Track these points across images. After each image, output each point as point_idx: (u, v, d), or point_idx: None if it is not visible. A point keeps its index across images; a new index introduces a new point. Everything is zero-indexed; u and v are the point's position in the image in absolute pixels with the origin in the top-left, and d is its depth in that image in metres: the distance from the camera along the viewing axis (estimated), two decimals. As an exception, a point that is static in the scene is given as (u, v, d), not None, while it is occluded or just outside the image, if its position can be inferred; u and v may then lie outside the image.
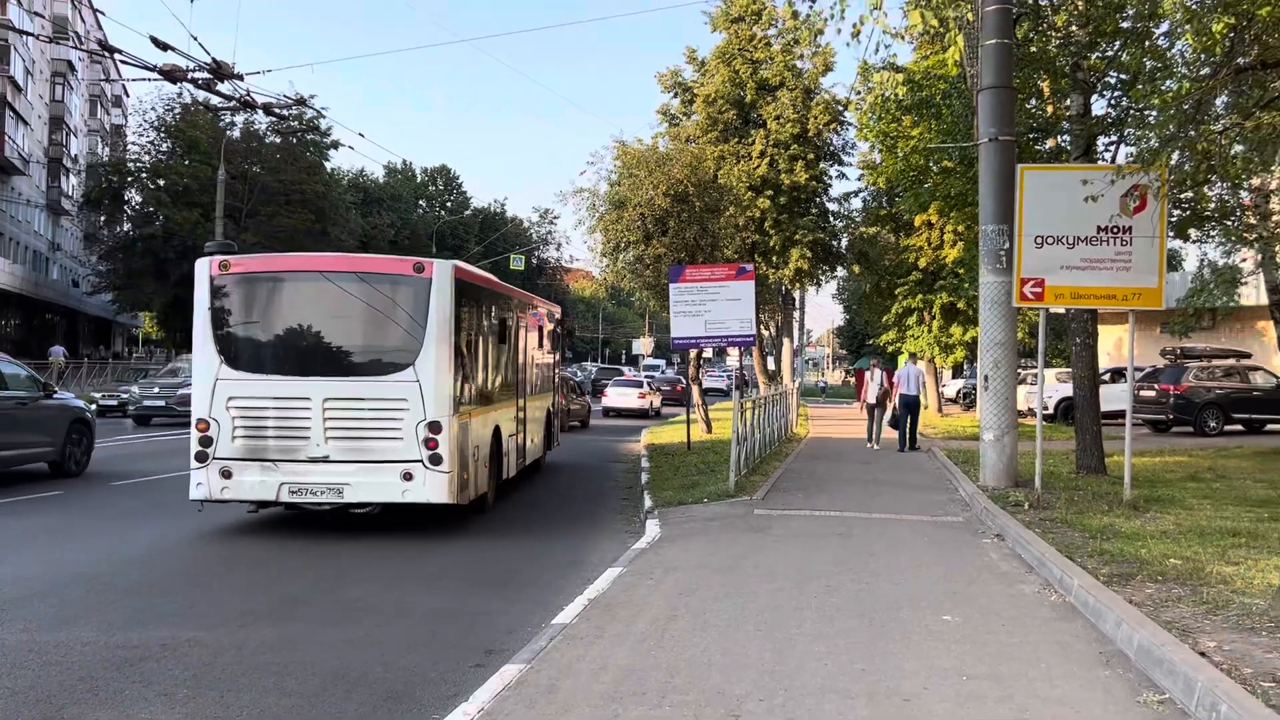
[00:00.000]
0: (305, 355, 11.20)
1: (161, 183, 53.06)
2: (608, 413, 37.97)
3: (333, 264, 12.04)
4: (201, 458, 10.84)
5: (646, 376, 47.69)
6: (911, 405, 21.47)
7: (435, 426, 10.76)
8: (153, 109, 55.04)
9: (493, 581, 8.82)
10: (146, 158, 55.19)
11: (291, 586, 8.39)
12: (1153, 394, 26.78)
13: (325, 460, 10.76)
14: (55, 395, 15.78)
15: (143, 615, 7.32)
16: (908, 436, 21.30)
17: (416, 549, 10.28)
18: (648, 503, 13.01)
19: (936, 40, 16.38)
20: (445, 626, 7.25)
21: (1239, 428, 26.39)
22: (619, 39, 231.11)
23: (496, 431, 13.43)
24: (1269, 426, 26.32)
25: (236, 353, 11.12)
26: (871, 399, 22.51)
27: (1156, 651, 5.80)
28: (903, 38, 14.89)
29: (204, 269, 11.30)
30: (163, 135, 54.43)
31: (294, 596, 8.03)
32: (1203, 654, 5.70)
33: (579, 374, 53.62)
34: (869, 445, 22.13)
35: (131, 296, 54.13)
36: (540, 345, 17.76)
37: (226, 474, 10.81)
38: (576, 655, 6.12)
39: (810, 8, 11.11)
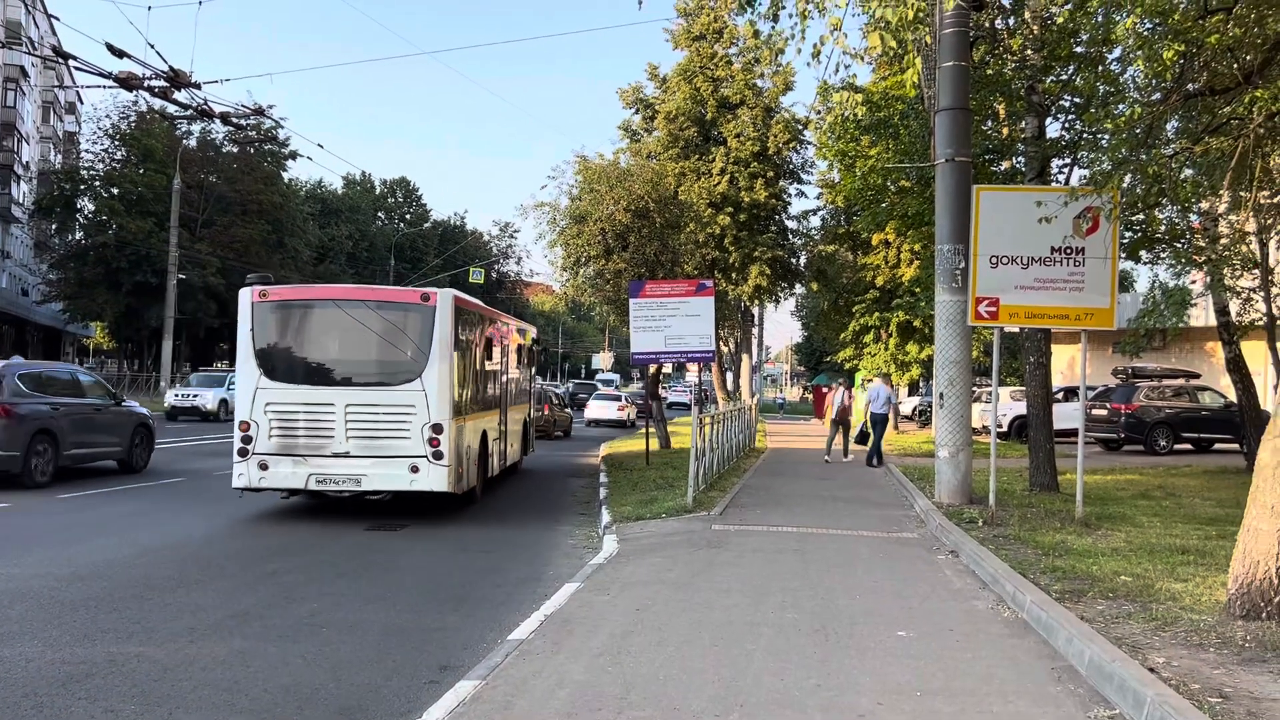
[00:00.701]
0: (331, 368, 13.30)
1: (115, 191, 52.40)
2: (590, 423, 41.64)
3: (354, 294, 13.98)
4: (243, 453, 12.82)
5: (601, 388, 49.76)
6: (880, 422, 21.77)
7: (438, 428, 12.78)
8: (107, 116, 54.49)
9: (449, 597, 8.74)
10: (100, 166, 54.49)
11: (243, 601, 8.26)
12: (1105, 413, 27.19)
13: (346, 455, 12.76)
14: (124, 403, 18.19)
15: (89, 630, 7.17)
16: (871, 451, 21.61)
17: (373, 563, 10.18)
18: (605, 518, 12.97)
19: (895, 62, 16.57)
20: (400, 642, 7.17)
21: (1188, 447, 26.85)
22: (581, 55, 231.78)
23: (484, 435, 15.38)
24: (1217, 446, 26.79)
25: (273, 366, 13.05)
26: (835, 414, 22.95)
27: (1107, 667, 5.87)
28: (862, 59, 15.03)
29: (246, 297, 13.21)
30: (117, 143, 53.78)
31: (245, 611, 7.91)
32: (1152, 670, 5.78)
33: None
34: (826, 459, 22.39)
35: (83, 306, 53.31)
36: (520, 362, 19.62)
37: (264, 466, 12.81)
38: (532, 671, 6.08)
39: (771, 28, 11.20)
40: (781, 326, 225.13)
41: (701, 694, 5.70)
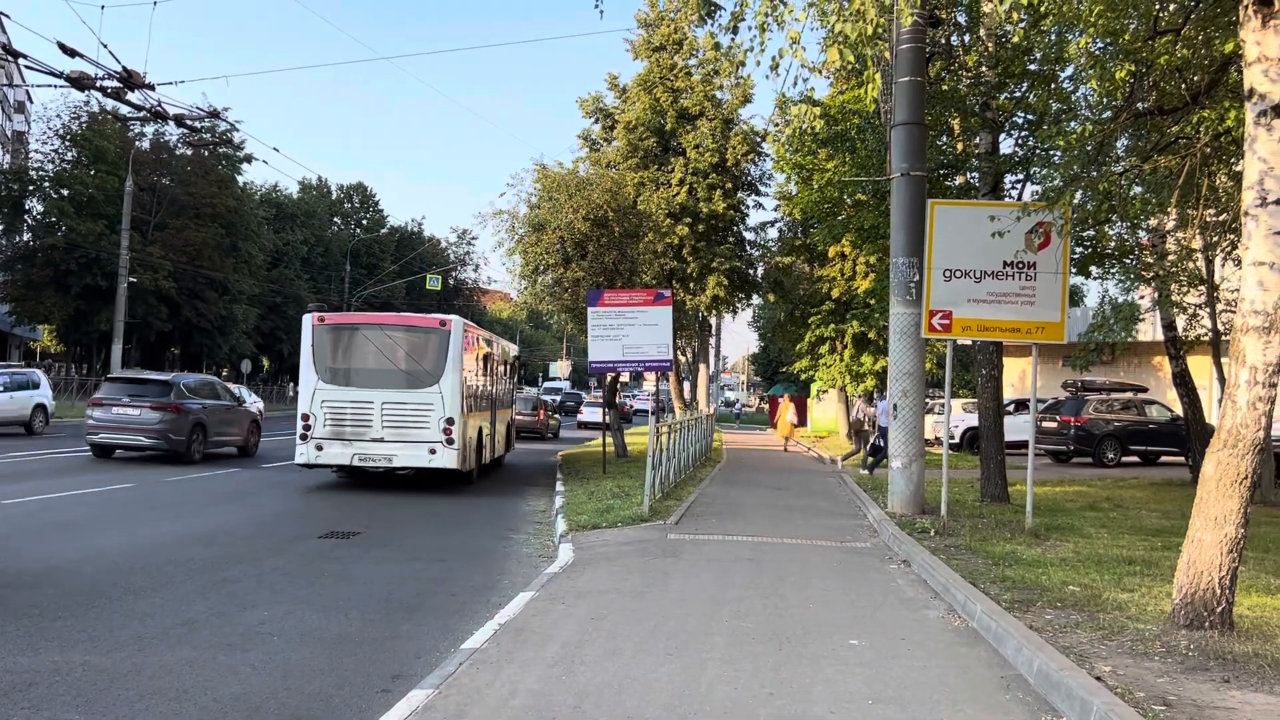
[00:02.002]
0: (371, 375, 17.04)
1: (65, 192, 51.46)
2: (580, 425, 49.70)
3: (388, 319, 18.64)
4: (304, 437, 16.86)
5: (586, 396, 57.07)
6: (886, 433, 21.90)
7: (451, 421, 16.72)
8: (58, 116, 53.43)
9: (402, 605, 8.67)
10: (50, 166, 53.48)
11: (192, 609, 8.14)
12: (1054, 425, 27.57)
13: (381, 440, 16.70)
14: (244, 403, 24.27)
15: (33, 638, 7.03)
16: (875, 459, 21.96)
17: (325, 571, 10.06)
18: (561, 527, 12.94)
19: (853, 76, 16.72)
20: (351, 651, 7.10)
21: (1135, 459, 27.29)
22: (543, 63, 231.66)
23: (480, 431, 19.18)
24: (1163, 458, 27.25)
25: (328, 372, 17.03)
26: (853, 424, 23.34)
27: (1055, 676, 5.95)
28: (820, 72, 15.18)
29: (308, 321, 17.33)
30: (68, 144, 52.82)
31: (194, 619, 7.79)
32: (1099, 678, 5.87)
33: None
34: (863, 471, 22.67)
35: (30, 309, 52.20)
36: (506, 374, 23.61)
37: (319, 447, 16.76)
38: (486, 681, 6.06)
39: (731, 39, 11.29)
40: (738, 337, 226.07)
41: (655, 703, 5.70)
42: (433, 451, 16.60)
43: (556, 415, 42.23)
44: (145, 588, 8.89)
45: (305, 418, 16.84)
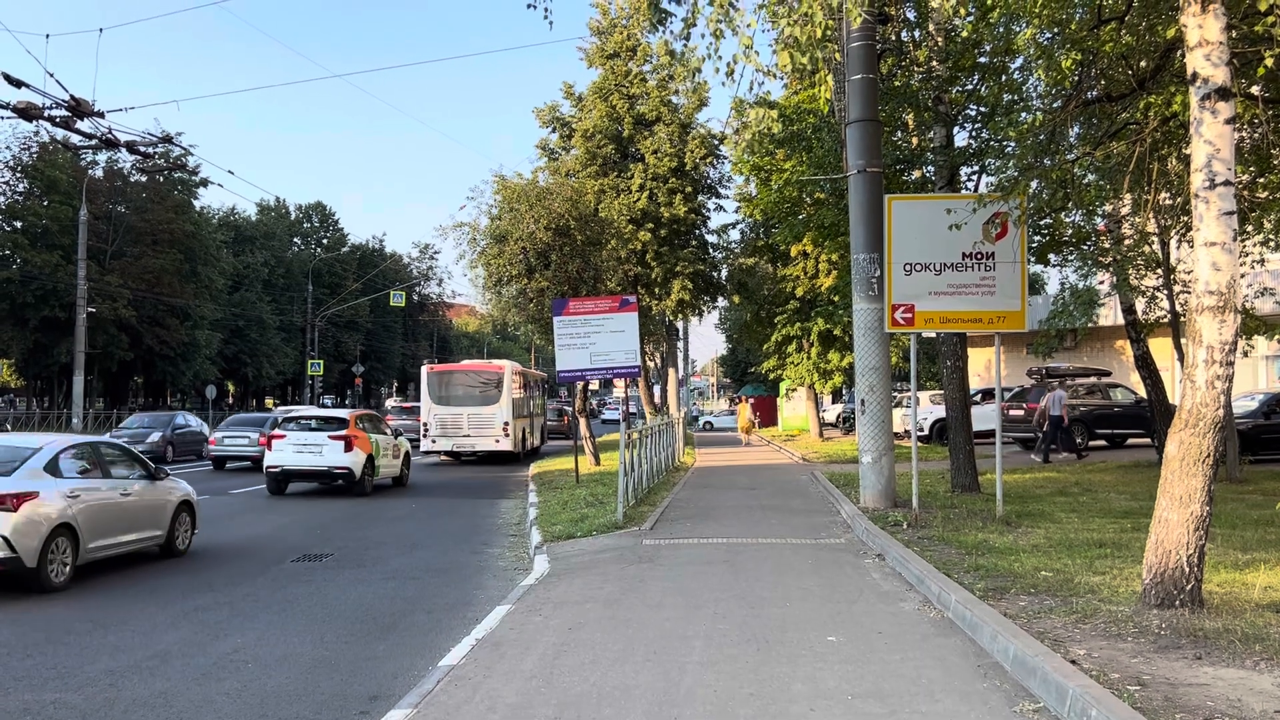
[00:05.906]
0: (461, 398, 29.16)
1: (19, 224, 50.82)
2: (602, 422, 65.14)
3: (471, 367, 31.77)
4: (425, 434, 29.00)
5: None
6: (1056, 423, 24.01)
7: (506, 423, 28.71)
8: (7, 148, 52.78)
9: (378, 626, 8.62)
10: (1, 199, 52.78)
11: (164, 640, 8.04)
12: (1021, 413, 27.79)
13: (468, 436, 28.82)
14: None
15: (1, 678, 6.91)
16: (1048, 448, 23.80)
17: (298, 595, 9.97)
18: (536, 538, 12.90)
19: (807, 76, 16.82)
20: (328, 674, 7.04)
21: (1102, 443, 27.56)
22: (498, 75, 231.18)
23: (523, 429, 30.96)
24: (1130, 441, 27.53)
25: (437, 398, 29.24)
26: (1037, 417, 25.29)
27: (1030, 662, 6.00)
28: (773, 75, 15.25)
29: (425, 369, 30.76)
30: (19, 175, 52.12)
31: (166, 651, 7.70)
32: (1073, 662, 5.92)
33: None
34: (1033, 458, 24.17)
35: (-14, 344, 51.43)
36: (540, 392, 36.77)
37: (433, 441, 28.91)
38: (464, 697, 6.02)
39: (684, 46, 11.31)
40: (706, 340, 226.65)
41: (635, 709, 5.69)
42: (497, 441, 28.63)
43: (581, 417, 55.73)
44: (116, 621, 8.76)
45: (425, 424, 29.15)
